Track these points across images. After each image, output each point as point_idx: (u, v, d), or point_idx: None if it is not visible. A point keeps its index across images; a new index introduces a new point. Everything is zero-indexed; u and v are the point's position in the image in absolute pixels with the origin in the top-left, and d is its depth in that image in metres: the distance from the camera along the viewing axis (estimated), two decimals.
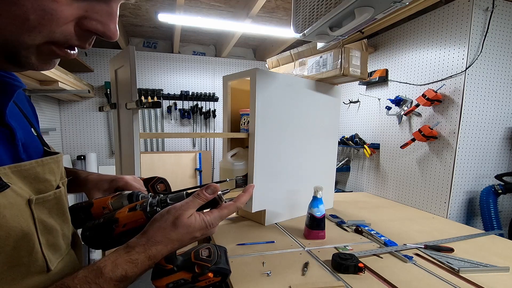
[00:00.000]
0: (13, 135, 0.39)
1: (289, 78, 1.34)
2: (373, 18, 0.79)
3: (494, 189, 1.50)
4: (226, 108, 1.42)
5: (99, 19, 0.35)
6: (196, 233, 0.47)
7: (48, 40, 0.33)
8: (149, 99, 2.98)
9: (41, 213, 0.40)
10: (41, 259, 0.39)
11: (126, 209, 0.50)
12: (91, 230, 0.50)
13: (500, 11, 1.46)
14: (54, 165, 0.45)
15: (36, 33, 0.32)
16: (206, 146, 3.35)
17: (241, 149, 1.35)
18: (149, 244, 0.44)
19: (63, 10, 0.32)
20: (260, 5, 1.87)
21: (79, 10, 0.33)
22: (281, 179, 1.35)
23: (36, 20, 0.31)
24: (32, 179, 0.40)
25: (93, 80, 2.91)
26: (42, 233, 0.40)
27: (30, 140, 0.45)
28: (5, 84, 0.38)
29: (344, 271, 0.89)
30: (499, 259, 1.03)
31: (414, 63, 1.77)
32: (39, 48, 0.33)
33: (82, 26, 0.34)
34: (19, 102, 0.49)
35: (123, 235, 0.48)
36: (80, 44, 0.36)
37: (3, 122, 0.38)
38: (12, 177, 0.36)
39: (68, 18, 0.33)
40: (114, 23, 0.36)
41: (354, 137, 2.22)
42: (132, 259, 0.42)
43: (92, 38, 0.37)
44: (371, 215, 1.52)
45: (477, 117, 1.52)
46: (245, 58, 3.42)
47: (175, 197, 0.51)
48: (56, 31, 0.33)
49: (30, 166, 0.39)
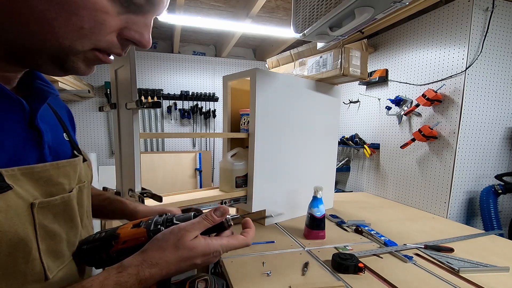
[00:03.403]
0: (41, 137, 0.41)
1: (289, 78, 1.34)
2: (373, 18, 0.79)
3: (494, 189, 1.50)
4: (226, 108, 1.41)
5: (137, 30, 0.39)
6: (197, 259, 0.43)
7: (94, 47, 0.37)
8: (149, 99, 2.98)
9: (45, 217, 0.39)
10: (39, 267, 0.38)
11: (130, 225, 0.47)
12: (90, 243, 0.45)
13: (500, 11, 1.46)
14: (70, 168, 0.45)
15: (87, 40, 0.36)
16: (206, 146, 3.35)
17: (241, 149, 1.35)
18: (144, 265, 0.41)
19: (111, 21, 0.36)
20: (260, 5, 1.87)
21: (122, 22, 0.38)
22: (281, 179, 1.35)
23: (89, 29, 0.35)
24: (43, 182, 0.40)
25: (93, 80, 2.91)
26: (43, 239, 0.39)
27: (60, 144, 0.47)
28: (40, 91, 0.43)
29: (344, 271, 0.89)
30: (499, 259, 1.03)
31: (414, 63, 1.77)
32: (86, 54, 0.37)
33: (123, 36, 0.39)
34: (57, 107, 0.53)
35: (120, 253, 0.43)
36: (118, 52, 0.40)
37: (33, 124, 0.40)
38: (21, 179, 0.36)
39: (113, 28, 0.37)
40: (149, 33, 0.41)
41: (354, 137, 2.22)
42: (121, 281, 0.39)
43: (129, 46, 0.41)
44: (371, 215, 1.52)
45: (477, 117, 1.52)
46: (245, 58, 3.42)
47: (182, 217, 0.47)
48: (102, 39, 0.37)
49: (43, 168, 0.40)
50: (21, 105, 0.39)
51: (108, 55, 0.40)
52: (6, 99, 0.38)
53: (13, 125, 0.38)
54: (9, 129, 0.37)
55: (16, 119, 0.39)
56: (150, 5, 0.39)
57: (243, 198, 1.27)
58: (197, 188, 3.10)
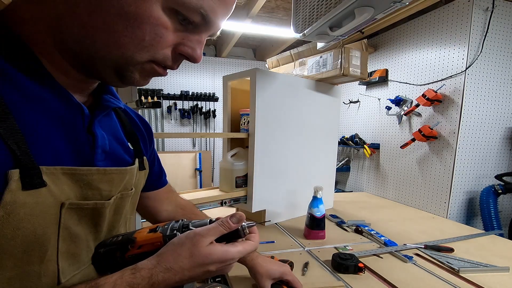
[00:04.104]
0: (94, 142, 0.43)
1: (289, 78, 1.34)
2: (373, 18, 0.79)
3: (494, 189, 1.50)
4: (226, 108, 1.41)
5: (191, 46, 0.42)
6: (212, 266, 0.42)
7: (151, 59, 0.40)
8: (149, 99, 2.98)
9: (70, 219, 0.39)
10: (52, 269, 0.37)
11: (147, 230, 0.46)
12: (107, 246, 0.45)
13: (500, 11, 1.46)
14: (117, 176, 0.46)
15: (145, 52, 0.38)
16: (206, 146, 3.35)
17: (241, 149, 1.35)
18: (158, 269, 0.40)
19: (169, 36, 0.39)
20: (260, 5, 1.87)
21: (178, 38, 0.40)
22: (281, 179, 1.35)
23: (149, 42, 0.37)
24: (83, 184, 0.41)
25: None
26: (64, 240, 0.39)
27: (117, 151, 0.50)
28: (104, 101, 0.46)
29: (344, 271, 0.89)
30: (499, 259, 1.03)
31: (414, 63, 1.77)
32: (143, 65, 0.40)
33: (177, 50, 0.41)
34: (130, 120, 0.58)
35: (136, 258, 0.42)
36: (172, 65, 0.42)
37: (90, 130, 0.43)
38: (61, 178, 0.37)
39: (170, 43, 0.40)
40: (201, 49, 0.43)
41: (354, 137, 2.22)
42: (133, 283, 0.38)
43: (181, 60, 0.43)
44: (371, 215, 1.52)
45: (477, 117, 1.52)
46: (245, 58, 3.42)
47: (198, 223, 0.47)
48: (159, 52, 0.39)
49: (87, 172, 0.41)
50: (80, 110, 0.42)
51: (164, 68, 0.42)
52: (69, 103, 0.40)
53: (69, 127, 0.40)
54: (61, 130, 0.39)
55: (75, 123, 0.41)
56: (206, 26, 0.41)
57: (243, 198, 1.27)
58: (197, 188, 3.10)
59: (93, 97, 0.48)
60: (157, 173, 0.69)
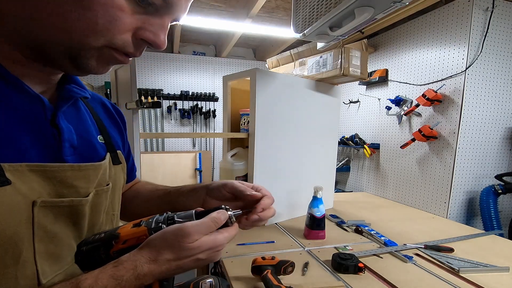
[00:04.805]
0: (60, 136, 0.41)
1: (289, 78, 1.34)
2: (373, 18, 0.79)
3: (494, 189, 1.50)
4: (226, 108, 1.42)
5: (153, 30, 0.39)
6: (201, 255, 0.41)
7: (108, 45, 0.37)
8: (149, 99, 2.98)
9: (45, 217, 0.37)
10: (30, 270, 0.35)
11: (131, 225, 0.45)
12: (89, 244, 0.43)
13: (500, 11, 1.46)
14: (92, 171, 0.44)
15: (100, 37, 0.35)
16: (206, 146, 3.35)
17: (241, 149, 1.35)
18: (142, 260, 0.38)
19: (127, 19, 0.36)
20: (260, 5, 1.87)
21: (138, 21, 0.38)
22: (281, 179, 1.35)
23: (103, 25, 0.35)
24: (57, 182, 0.39)
25: (93, 80, 2.91)
26: (41, 240, 0.37)
27: (89, 146, 0.47)
28: (68, 91, 0.44)
29: (344, 271, 0.89)
30: (499, 259, 1.03)
31: (414, 63, 1.77)
32: (100, 50, 0.37)
33: (137, 36, 0.39)
34: (98, 110, 0.54)
35: (121, 253, 0.41)
36: (133, 52, 0.40)
37: (54, 123, 0.41)
38: (28, 175, 0.35)
39: (128, 26, 0.37)
40: (164, 35, 0.40)
41: (354, 137, 2.22)
42: (116, 275, 0.36)
43: (144, 47, 0.41)
44: (371, 215, 1.52)
45: (477, 117, 1.52)
46: (245, 58, 3.42)
47: (184, 215, 0.46)
48: (117, 37, 0.37)
49: (59, 168, 0.39)
50: (41, 102, 0.39)
51: (125, 55, 0.40)
52: (26, 95, 0.38)
53: (31, 121, 0.38)
54: (24, 125, 0.37)
55: (36, 116, 0.39)
56: (167, 7, 0.39)
57: None
58: None
59: (58, 89, 0.45)
60: (130, 168, 0.65)
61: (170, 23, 0.42)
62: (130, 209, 0.64)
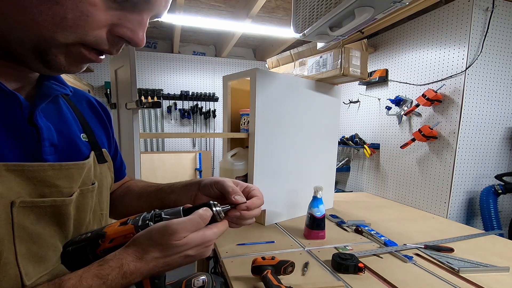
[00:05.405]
0: (39, 135, 0.40)
1: (289, 78, 1.34)
2: (373, 18, 0.79)
3: (494, 189, 1.50)
4: (226, 108, 1.42)
5: (130, 27, 0.37)
6: (190, 251, 0.40)
7: (79, 41, 0.35)
8: (149, 99, 2.98)
9: (26, 218, 0.36)
10: (13, 271, 0.35)
11: (117, 223, 0.44)
12: (75, 244, 0.42)
13: (500, 11, 1.46)
14: (76, 171, 0.43)
15: (70, 32, 0.34)
16: (206, 146, 3.35)
17: (241, 149, 1.35)
18: (128, 258, 0.37)
19: (99, 14, 0.34)
20: (260, 5, 1.87)
21: (113, 18, 0.36)
22: (281, 179, 1.35)
23: (73, 20, 0.33)
24: (37, 181, 0.38)
25: (93, 80, 2.91)
26: (23, 241, 0.36)
27: (71, 144, 0.45)
28: (46, 88, 0.42)
29: (344, 271, 0.89)
30: (499, 259, 1.03)
31: (414, 63, 1.77)
32: (69, 47, 0.35)
33: (114, 32, 0.37)
34: (81, 107, 0.52)
35: (107, 253, 0.40)
36: (109, 49, 0.38)
37: (31, 121, 0.39)
38: (6, 175, 0.35)
39: (102, 23, 0.35)
40: (143, 32, 0.39)
41: (354, 137, 2.22)
42: (101, 274, 0.35)
43: (121, 44, 0.39)
44: (371, 215, 1.52)
45: (477, 117, 1.52)
46: (245, 58, 3.42)
47: (171, 212, 0.45)
48: (89, 34, 0.35)
49: (38, 168, 0.38)
50: (17, 100, 0.38)
51: (98, 53, 0.38)
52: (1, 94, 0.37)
53: (6, 120, 0.37)
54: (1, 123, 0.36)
55: (12, 115, 0.38)
56: (146, 3, 0.37)
57: None
58: None
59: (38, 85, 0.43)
60: (119, 166, 0.64)
61: (150, 20, 0.40)
62: (121, 207, 0.63)
